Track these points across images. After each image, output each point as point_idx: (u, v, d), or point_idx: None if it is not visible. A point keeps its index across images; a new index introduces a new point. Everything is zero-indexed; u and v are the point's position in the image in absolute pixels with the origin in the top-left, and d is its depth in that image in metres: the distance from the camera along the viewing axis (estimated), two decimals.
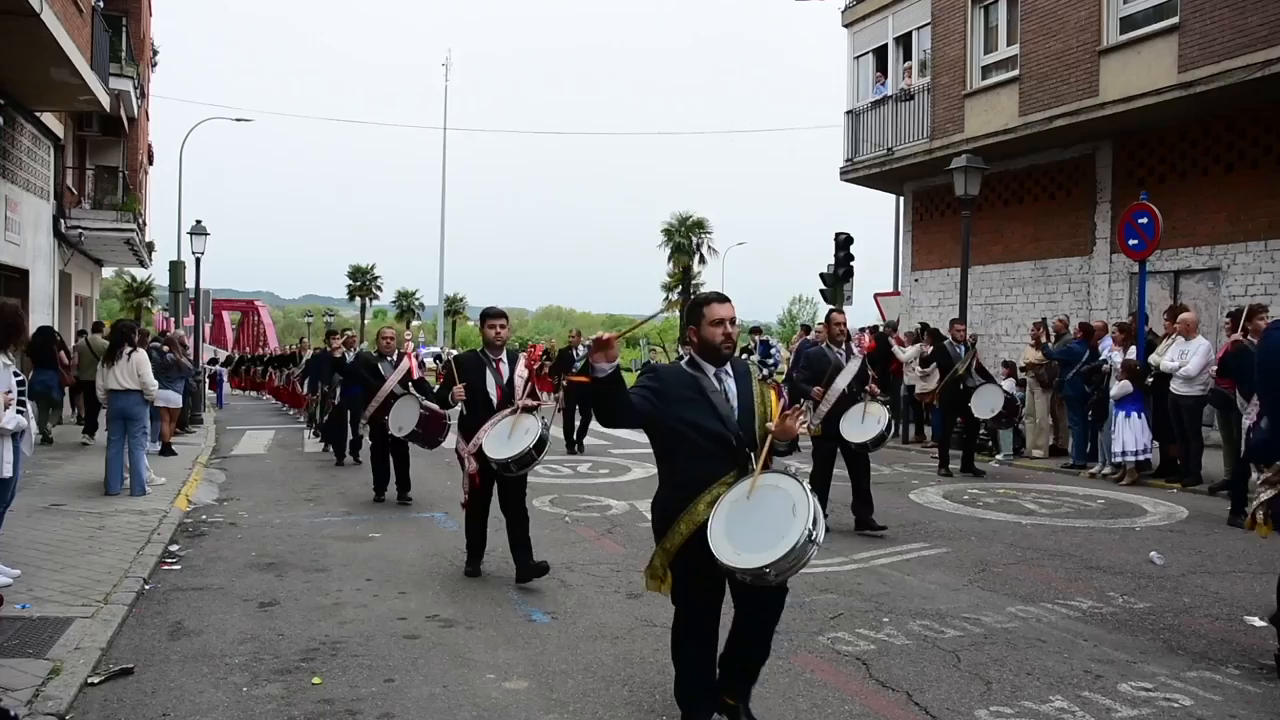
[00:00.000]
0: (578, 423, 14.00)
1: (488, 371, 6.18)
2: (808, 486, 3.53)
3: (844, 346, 7.99)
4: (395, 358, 9.72)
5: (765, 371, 14.57)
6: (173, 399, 12.63)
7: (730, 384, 3.74)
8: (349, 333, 14.44)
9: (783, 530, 3.41)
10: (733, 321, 3.73)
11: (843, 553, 6.96)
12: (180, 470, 10.87)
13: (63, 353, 13.16)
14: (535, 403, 6.05)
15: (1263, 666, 4.52)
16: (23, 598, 5.33)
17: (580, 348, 14.12)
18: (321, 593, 5.85)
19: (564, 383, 14.09)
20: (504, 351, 6.29)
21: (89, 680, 4.22)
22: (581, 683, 4.31)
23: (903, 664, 4.55)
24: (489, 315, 6.39)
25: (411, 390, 9.22)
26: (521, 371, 6.19)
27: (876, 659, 4.61)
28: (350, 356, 12.31)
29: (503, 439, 5.81)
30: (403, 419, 8.72)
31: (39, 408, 11.99)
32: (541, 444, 5.74)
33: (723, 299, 3.78)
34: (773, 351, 16.12)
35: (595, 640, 4.93)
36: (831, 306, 8.10)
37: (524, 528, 6.11)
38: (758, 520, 3.48)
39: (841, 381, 7.78)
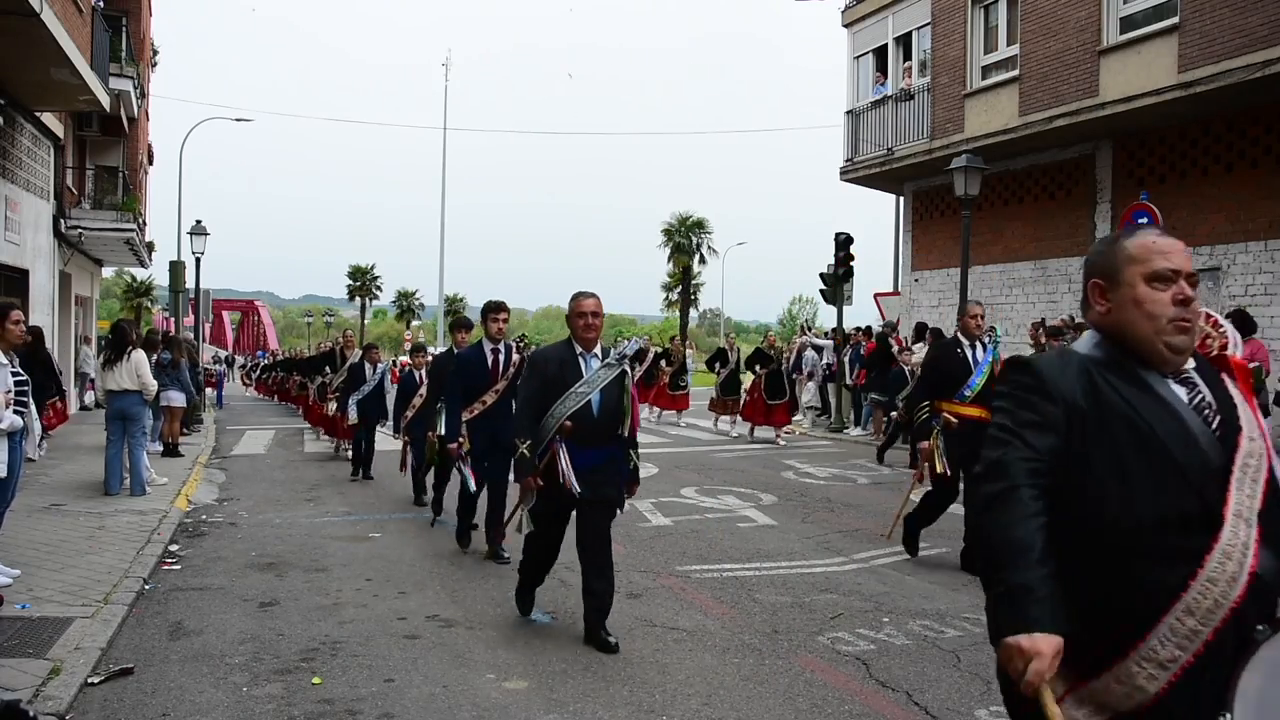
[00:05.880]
0: None
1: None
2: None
3: None
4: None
5: None
6: (175, 398, 12.60)
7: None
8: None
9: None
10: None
11: (843, 553, 6.96)
12: (180, 470, 10.88)
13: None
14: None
15: None
16: (23, 598, 5.34)
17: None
18: (321, 593, 5.85)
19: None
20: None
21: (89, 680, 4.23)
22: (581, 683, 4.31)
23: (903, 664, 4.55)
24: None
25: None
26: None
27: (876, 659, 4.62)
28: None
29: None
30: None
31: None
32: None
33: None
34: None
35: None
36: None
37: None
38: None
39: None
